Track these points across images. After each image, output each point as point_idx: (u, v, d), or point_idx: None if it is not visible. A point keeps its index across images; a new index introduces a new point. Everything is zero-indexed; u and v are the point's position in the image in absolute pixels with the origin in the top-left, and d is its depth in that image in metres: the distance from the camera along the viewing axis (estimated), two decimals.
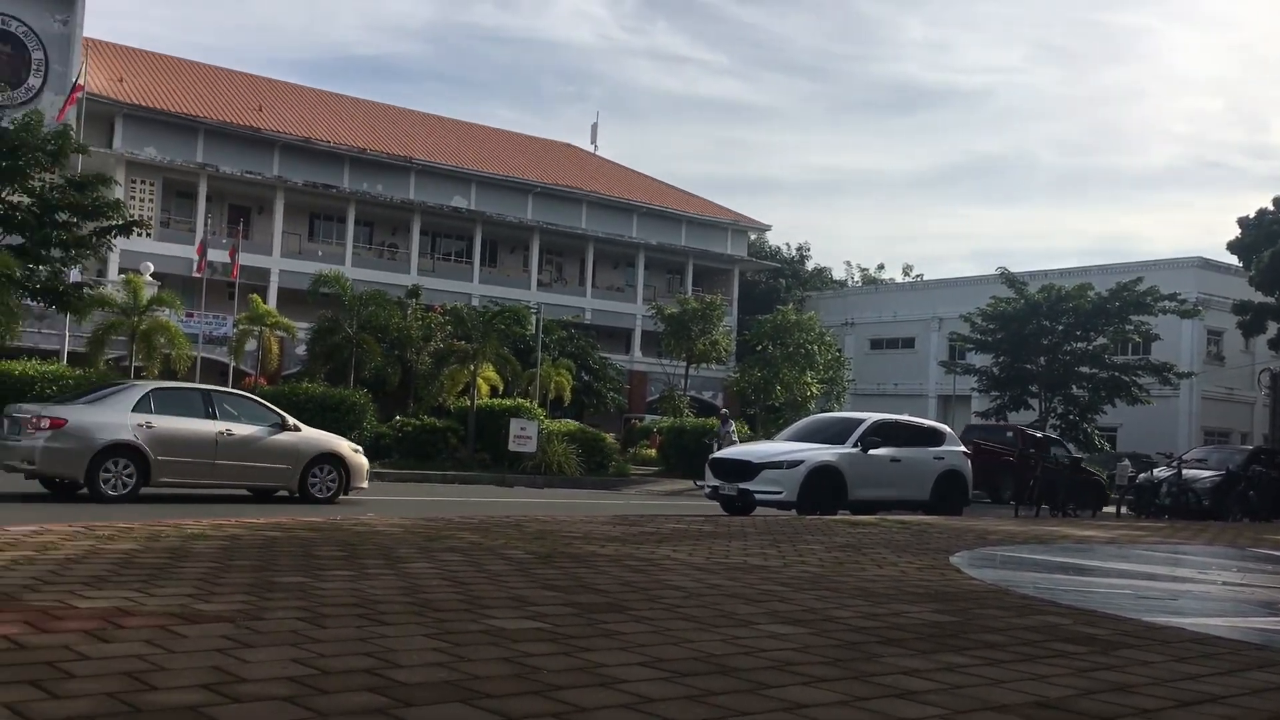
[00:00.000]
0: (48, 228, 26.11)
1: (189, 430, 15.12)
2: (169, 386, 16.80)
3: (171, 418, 15.09)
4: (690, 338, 43.69)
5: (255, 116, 49.12)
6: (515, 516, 11.21)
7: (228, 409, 15.97)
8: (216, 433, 15.33)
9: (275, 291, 45.76)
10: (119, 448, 14.43)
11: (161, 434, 14.81)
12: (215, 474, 15.44)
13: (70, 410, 14.94)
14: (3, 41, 41.70)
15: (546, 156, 61.62)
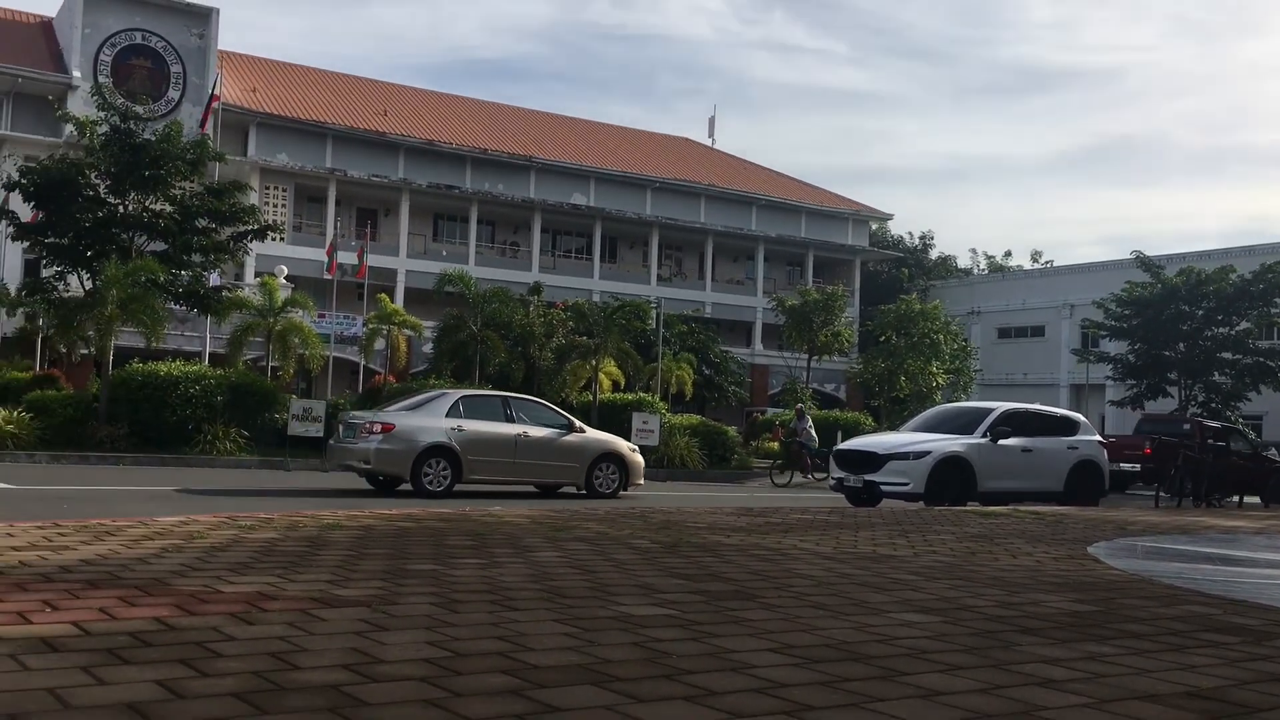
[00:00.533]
0: (189, 234, 27.22)
1: (493, 433, 16.91)
2: (475, 394, 18.85)
3: (478, 422, 16.94)
4: (812, 329, 43.25)
5: (381, 121, 50.36)
6: (640, 508, 11.25)
7: (523, 413, 17.77)
8: (516, 435, 17.08)
9: (402, 291, 46.84)
10: (437, 449, 16.35)
11: (471, 436, 16.67)
12: (515, 472, 17.24)
13: (396, 416, 16.78)
14: (143, 56, 43.59)
15: (664, 151, 61.71)
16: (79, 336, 25.46)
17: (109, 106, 26.79)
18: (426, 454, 16.21)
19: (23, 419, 22.01)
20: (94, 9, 42.72)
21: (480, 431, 16.77)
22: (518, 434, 17.12)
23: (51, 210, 26.37)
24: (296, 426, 23.44)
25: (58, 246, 26.75)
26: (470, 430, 16.68)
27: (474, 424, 16.84)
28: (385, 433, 16.25)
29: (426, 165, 50.17)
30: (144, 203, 26.93)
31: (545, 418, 18.07)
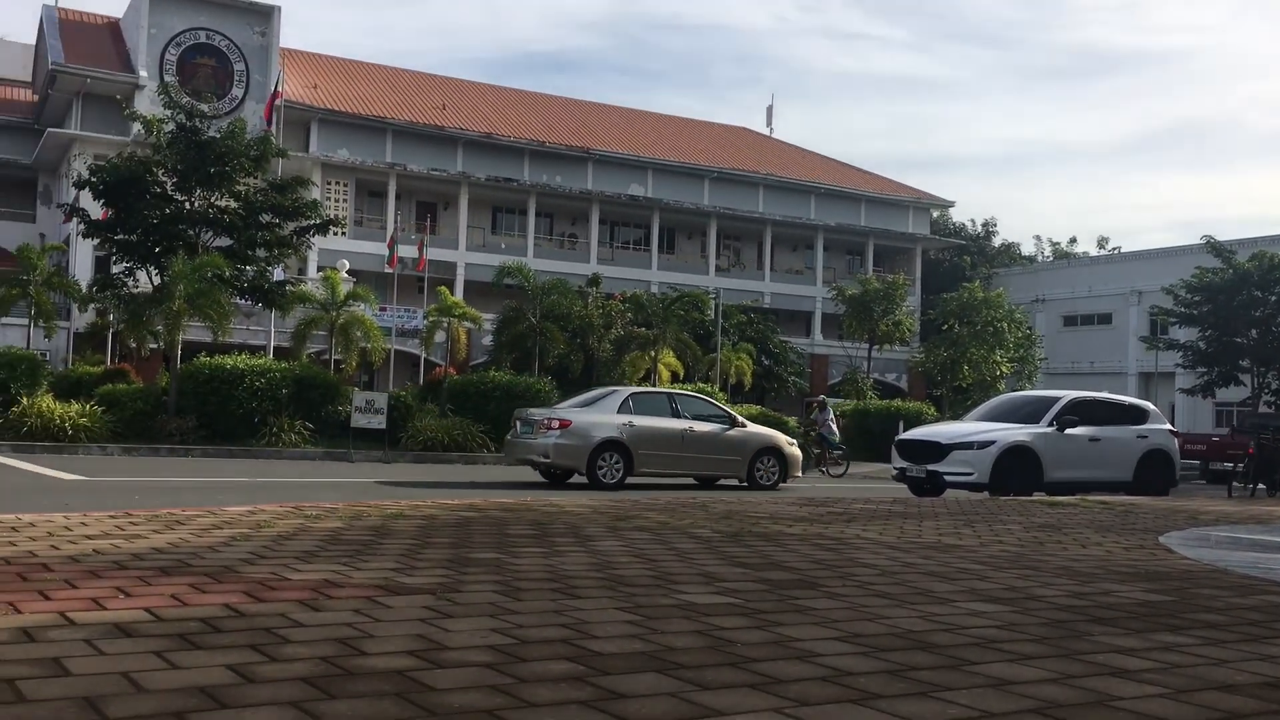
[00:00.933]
0: (253, 229, 27.64)
1: (662, 427, 17.80)
2: (643, 391, 20.09)
3: (647, 417, 17.83)
4: (872, 319, 42.91)
5: (440, 115, 50.73)
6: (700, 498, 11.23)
7: (688, 409, 18.62)
8: (683, 429, 17.93)
9: (461, 284, 47.20)
10: (610, 444, 17.29)
11: (641, 431, 17.56)
12: (682, 465, 18.09)
13: (572, 413, 17.81)
14: (208, 55, 44.31)
15: (722, 141, 61.49)
16: (148, 331, 25.98)
17: (175, 105, 27.26)
18: (601, 448, 17.15)
19: (95, 412, 22.52)
20: (159, 9, 43.48)
21: (650, 426, 17.68)
22: (684, 429, 17.95)
23: (120, 208, 26.91)
24: (359, 418, 23.73)
25: (127, 243, 27.29)
26: (640, 425, 17.58)
27: (643, 419, 17.75)
28: (563, 429, 17.26)
29: (485, 158, 50.47)
30: (209, 199, 27.39)
31: (709, 413, 18.95)
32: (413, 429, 25.03)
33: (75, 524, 6.51)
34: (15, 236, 42.04)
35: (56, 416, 21.80)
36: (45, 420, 21.70)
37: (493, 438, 25.69)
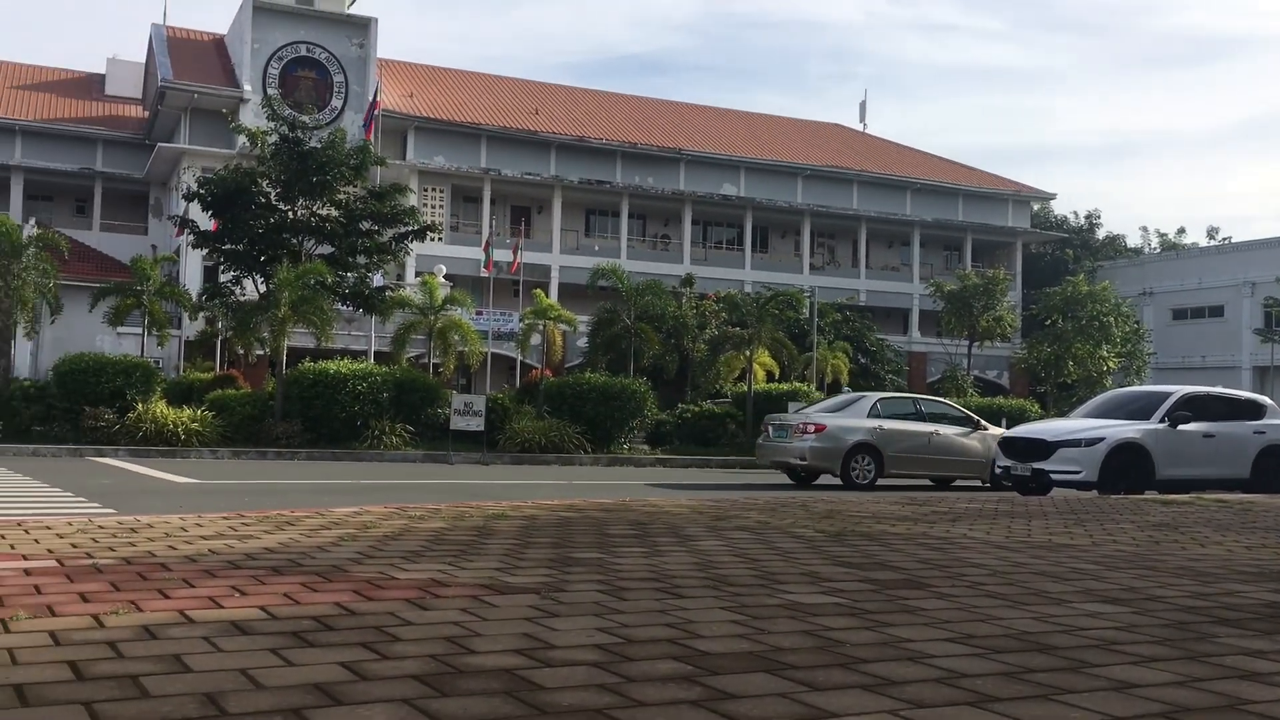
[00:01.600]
0: (353, 236, 28.28)
1: (909, 431, 18.64)
2: (891, 396, 21.11)
3: (895, 421, 18.72)
4: (972, 315, 42.15)
5: (532, 120, 51.22)
6: (801, 498, 11.12)
7: (933, 413, 19.50)
8: (929, 432, 18.79)
9: (556, 286, 47.56)
10: (862, 446, 18.24)
11: (890, 435, 18.48)
12: (928, 466, 18.87)
13: (826, 417, 18.81)
14: (308, 68, 45.38)
15: (815, 138, 60.97)
16: (255, 338, 26.69)
17: (277, 117, 27.99)
18: (854, 451, 18.17)
19: (206, 417, 23.21)
20: (262, 25, 44.67)
21: (898, 430, 18.49)
22: (930, 431, 18.73)
23: (228, 218, 27.72)
24: (458, 421, 24.07)
25: (234, 253, 28.12)
26: (889, 429, 18.48)
27: (892, 423, 18.57)
28: (818, 432, 18.29)
29: (577, 161, 50.79)
30: (311, 208, 28.09)
31: (952, 416, 19.65)
32: (510, 431, 25.30)
33: (190, 525, 6.70)
34: (129, 248, 43.56)
35: (170, 422, 22.52)
36: (159, 425, 22.43)
37: (589, 439, 25.87)
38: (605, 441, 26.40)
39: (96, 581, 4.47)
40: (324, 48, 45.54)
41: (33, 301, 26.33)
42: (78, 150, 48.12)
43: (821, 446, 18.21)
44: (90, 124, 48.72)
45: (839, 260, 57.65)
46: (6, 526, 6.40)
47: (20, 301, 25.96)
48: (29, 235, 27.37)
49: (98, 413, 22.70)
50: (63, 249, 28.57)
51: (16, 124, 46.72)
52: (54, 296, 27.11)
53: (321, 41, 45.54)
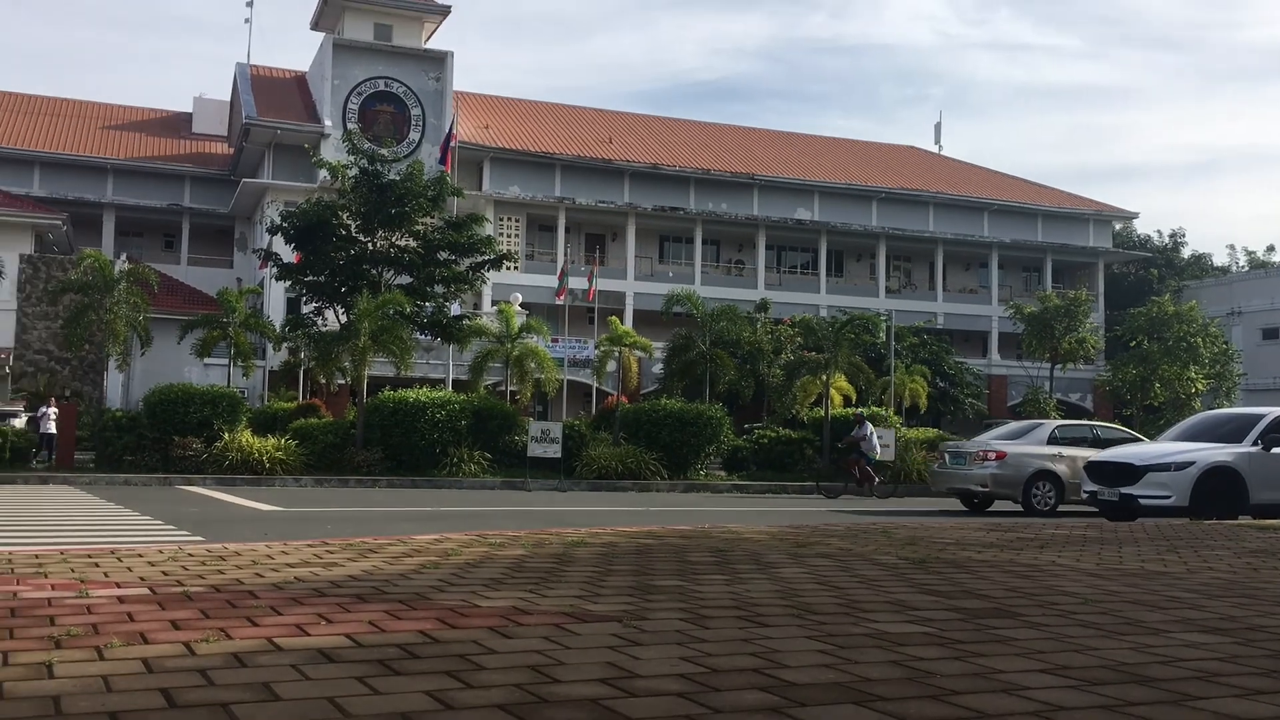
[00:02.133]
0: (431, 266, 28.68)
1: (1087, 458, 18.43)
2: (1069, 423, 21.66)
3: (1074, 448, 19.04)
4: (1053, 337, 41.36)
5: (606, 149, 51.59)
6: (881, 524, 10.96)
7: (1107, 438, 19.72)
8: None
9: (630, 313, 47.69)
10: (1043, 474, 18.71)
11: (1069, 461, 18.70)
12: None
13: (1005, 445, 19.25)
14: (387, 102, 46.27)
15: (889, 161, 60.53)
16: (336, 367, 27.15)
17: (357, 151, 28.55)
18: (1035, 478, 18.62)
19: (289, 446, 23.62)
20: (342, 62, 45.70)
21: (1077, 456, 18.46)
22: None
23: (309, 251, 28.29)
24: (535, 448, 24.19)
25: (315, 284, 28.67)
26: (1069, 455, 18.71)
27: (1070, 450, 18.86)
28: (999, 460, 18.80)
29: (651, 189, 51.01)
30: (390, 239, 28.54)
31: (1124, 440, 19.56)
32: (587, 457, 25.36)
33: (277, 553, 6.80)
34: (215, 281, 44.68)
35: (255, 450, 22.97)
36: (245, 454, 22.89)
37: (665, 465, 25.82)
38: (681, 467, 26.33)
39: (187, 609, 4.55)
40: (402, 82, 46.42)
41: (124, 335, 27.11)
42: (166, 187, 49.57)
43: (1003, 474, 18.70)
44: (178, 162, 50.17)
45: (915, 283, 57.03)
46: (101, 554, 6.55)
47: (113, 335, 26.73)
48: (120, 270, 28.21)
49: (186, 442, 23.24)
50: (152, 283, 29.39)
51: (108, 163, 48.29)
52: (144, 329, 27.88)
53: (399, 76, 46.42)
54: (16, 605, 4.58)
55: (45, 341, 37.06)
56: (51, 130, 49.97)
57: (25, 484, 20.90)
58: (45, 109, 52.22)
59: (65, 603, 4.66)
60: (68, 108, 52.94)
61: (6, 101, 51.83)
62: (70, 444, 24.43)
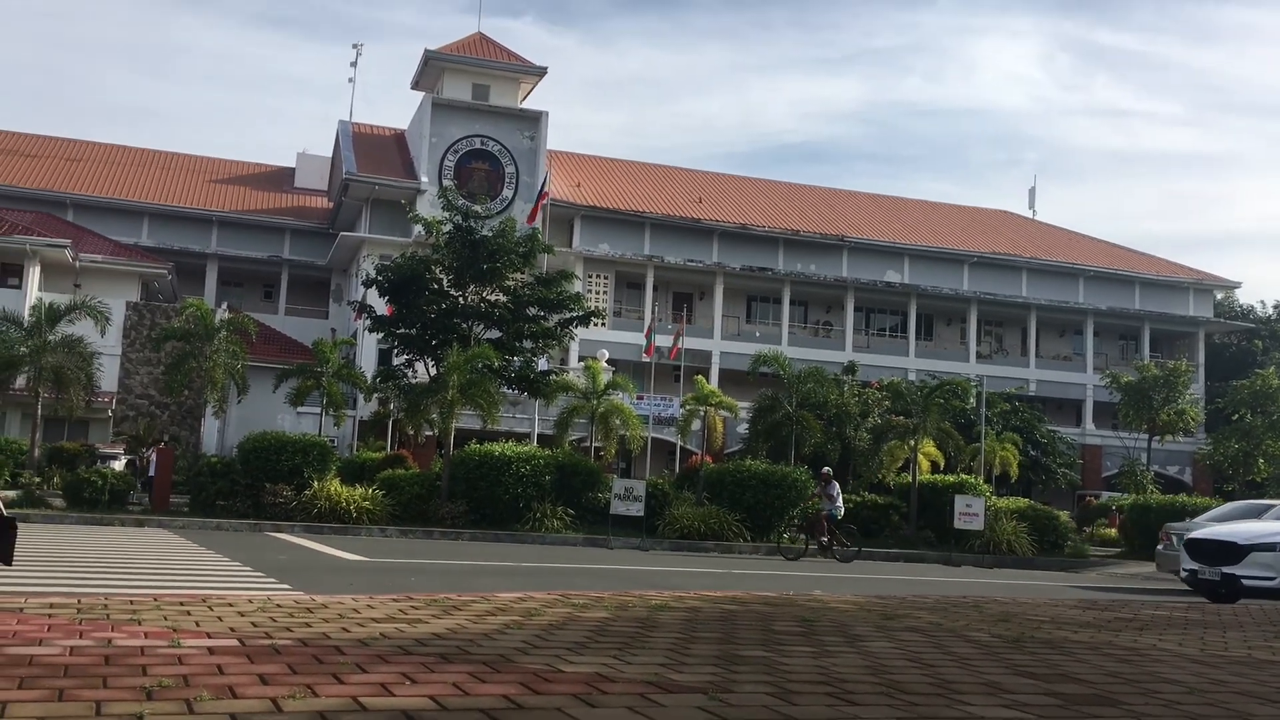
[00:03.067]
0: (520, 322, 29.01)
1: None
2: None
3: None
4: (1151, 408, 40.28)
5: (696, 208, 51.92)
6: (971, 597, 10.67)
7: None
8: None
9: (716, 372, 47.62)
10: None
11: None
12: None
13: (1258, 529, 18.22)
14: (482, 160, 47.25)
15: (981, 225, 59.91)
16: (425, 419, 27.47)
17: (452, 208, 29.12)
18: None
19: (376, 496, 23.91)
20: (440, 120, 46.84)
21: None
22: None
23: (402, 304, 28.83)
24: (618, 505, 24.14)
25: (407, 337, 29.18)
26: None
27: None
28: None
29: (739, 248, 51.13)
30: (481, 294, 28.97)
31: None
32: (669, 517, 25.24)
33: (363, 606, 6.84)
34: (310, 331, 45.76)
35: (343, 500, 23.29)
36: (333, 503, 23.21)
37: (748, 527, 25.57)
38: (764, 530, 26.05)
39: (274, 663, 4.58)
40: (497, 140, 47.38)
41: (222, 382, 27.82)
42: (267, 239, 51.09)
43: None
44: (279, 215, 51.74)
45: (1007, 348, 56.08)
46: (193, 601, 6.66)
47: (211, 382, 27.45)
48: (221, 319, 29.02)
49: (277, 489, 23.66)
50: (251, 332, 30.18)
51: (213, 215, 49.97)
52: (241, 377, 28.58)
53: (495, 135, 47.40)
54: (111, 653, 4.66)
55: (147, 386, 38.21)
56: (162, 183, 51.94)
57: (122, 526, 21.45)
58: (157, 162, 54.34)
59: (158, 652, 4.73)
60: (178, 161, 55.02)
61: (121, 155, 54.08)
62: (166, 488, 25.04)
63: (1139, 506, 31.87)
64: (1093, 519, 37.71)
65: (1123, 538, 32.46)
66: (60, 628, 5.30)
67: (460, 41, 49.72)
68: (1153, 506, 31.45)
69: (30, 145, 52.76)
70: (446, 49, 48.89)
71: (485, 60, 48.72)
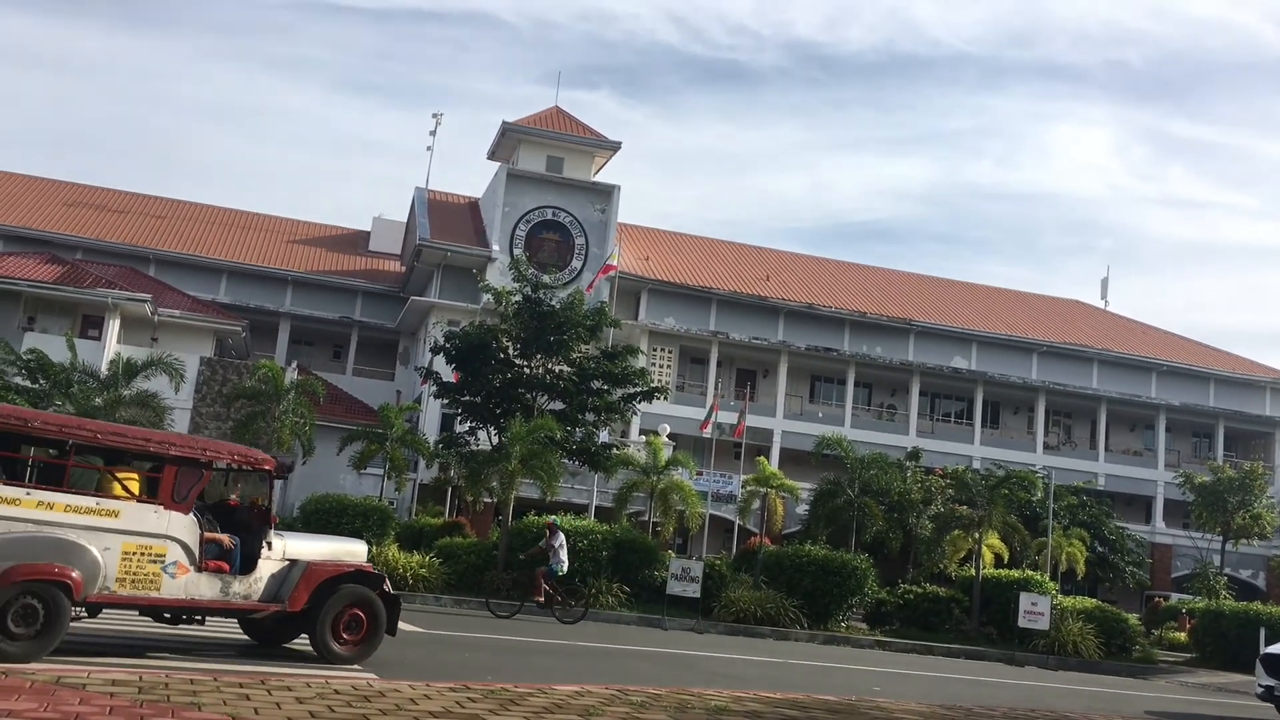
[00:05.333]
0: (584, 394, 29.07)
1: None
2: None
3: None
4: (1226, 510, 39.14)
5: (762, 286, 51.93)
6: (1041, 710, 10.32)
7: None
8: None
9: (777, 451, 47.20)
10: None
11: None
12: None
13: None
14: (553, 231, 47.77)
15: (1051, 314, 59.18)
16: (484, 488, 27.51)
17: (523, 278, 29.43)
18: None
19: (433, 564, 23.92)
20: (514, 191, 47.53)
21: None
22: None
23: (468, 372, 29.07)
24: (675, 585, 23.88)
25: (471, 404, 29.36)
26: None
27: None
28: None
29: (805, 328, 50.92)
30: (547, 365, 29.12)
31: None
32: (726, 599, 24.90)
33: (420, 696, 6.79)
34: (377, 393, 46.18)
35: (400, 566, 23.31)
36: (390, 569, 23.22)
37: (805, 613, 25.14)
38: (822, 617, 25.59)
39: None
40: (568, 212, 47.92)
41: (290, 443, 28.14)
42: (339, 300, 51.95)
43: None
44: (353, 276, 52.64)
45: (1075, 440, 54.99)
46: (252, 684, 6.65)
47: (279, 442, 27.79)
48: (291, 381, 29.44)
49: None
50: (319, 395, 30.55)
51: (289, 274, 50.99)
52: (308, 439, 28.90)
53: (567, 206, 47.95)
54: None
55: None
56: (241, 241, 53.19)
57: None
58: (238, 222, 55.73)
59: None
60: (258, 221, 56.37)
61: (204, 214, 55.58)
62: None
63: (1212, 613, 30.87)
64: (1161, 621, 36.54)
65: (1194, 644, 31.40)
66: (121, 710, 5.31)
67: (537, 115, 50.58)
68: (1226, 613, 30.45)
69: (120, 201, 54.40)
70: (524, 121, 49.76)
71: (561, 134, 49.46)
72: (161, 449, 10.60)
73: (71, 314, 40.53)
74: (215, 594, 10.52)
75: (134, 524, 10.08)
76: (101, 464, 10.97)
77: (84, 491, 10.29)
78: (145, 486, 10.68)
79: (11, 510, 9.43)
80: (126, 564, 9.92)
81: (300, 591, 10.80)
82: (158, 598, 10.15)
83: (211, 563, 10.57)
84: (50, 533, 9.52)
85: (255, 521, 11.64)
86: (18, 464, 10.25)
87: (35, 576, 9.19)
